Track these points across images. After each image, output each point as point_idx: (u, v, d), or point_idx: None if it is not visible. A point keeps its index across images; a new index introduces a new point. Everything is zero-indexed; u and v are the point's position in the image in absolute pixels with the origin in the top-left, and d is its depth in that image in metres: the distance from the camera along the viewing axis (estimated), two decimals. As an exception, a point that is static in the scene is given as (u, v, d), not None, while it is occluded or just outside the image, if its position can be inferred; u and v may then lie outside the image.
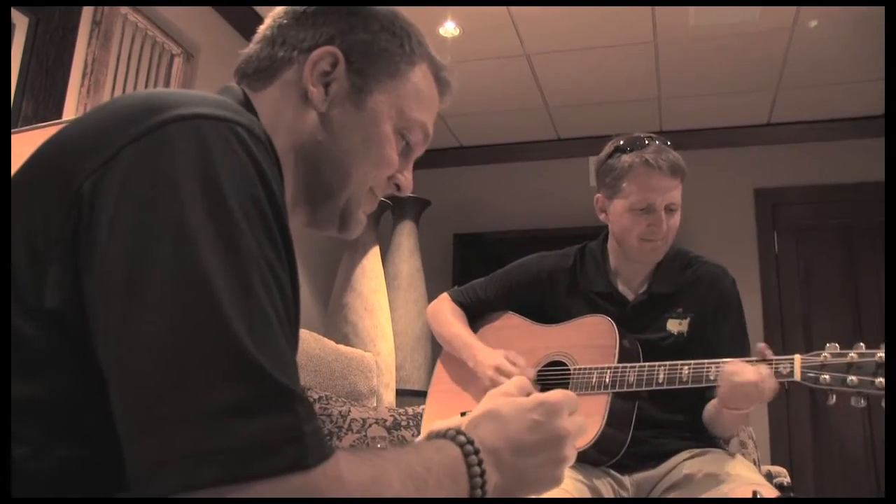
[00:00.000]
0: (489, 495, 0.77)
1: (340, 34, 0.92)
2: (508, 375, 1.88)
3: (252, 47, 0.96)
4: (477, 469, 0.76)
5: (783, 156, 4.46)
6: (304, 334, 3.14)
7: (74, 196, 0.67)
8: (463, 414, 0.87)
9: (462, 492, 0.75)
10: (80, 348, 0.65)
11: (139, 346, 0.61)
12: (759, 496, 1.17)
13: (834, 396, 1.57)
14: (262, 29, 0.97)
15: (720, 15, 3.43)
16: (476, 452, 0.77)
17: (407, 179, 1.00)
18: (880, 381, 1.49)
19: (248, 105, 0.89)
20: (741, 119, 4.45)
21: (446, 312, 2.16)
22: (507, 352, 1.97)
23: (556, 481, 0.86)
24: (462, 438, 0.78)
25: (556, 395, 0.87)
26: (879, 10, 3.03)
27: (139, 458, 0.59)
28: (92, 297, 0.65)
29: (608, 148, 1.97)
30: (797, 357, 1.63)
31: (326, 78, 0.91)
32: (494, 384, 1.73)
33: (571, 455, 0.87)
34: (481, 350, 2.01)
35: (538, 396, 0.86)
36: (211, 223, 0.64)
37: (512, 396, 0.87)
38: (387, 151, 0.94)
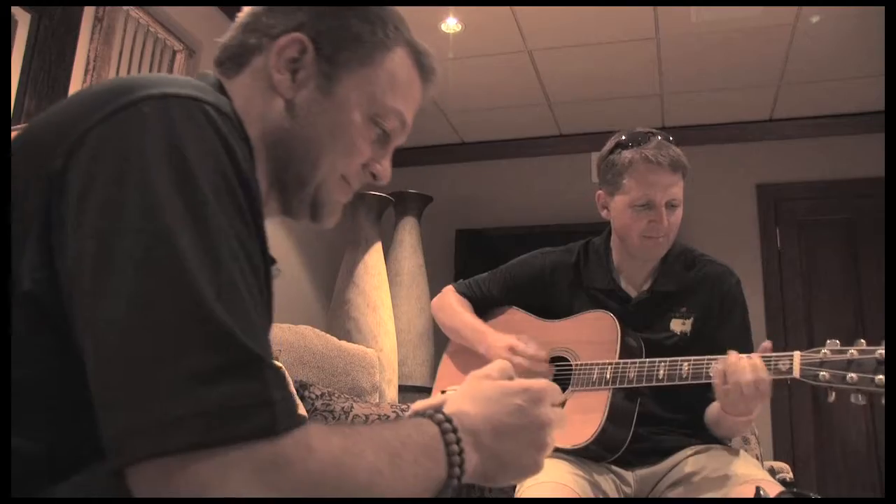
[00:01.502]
0: (468, 475, 0.77)
1: (310, 21, 0.91)
2: (523, 355, 1.89)
3: (227, 35, 0.96)
4: (455, 447, 0.76)
5: (785, 151, 4.45)
6: (307, 331, 3.14)
7: (45, 181, 0.68)
8: (444, 392, 0.86)
9: (440, 470, 0.74)
10: (58, 329, 0.66)
11: (110, 318, 0.62)
12: (762, 493, 1.17)
13: (833, 394, 1.55)
14: (239, 17, 0.96)
15: (722, 11, 3.42)
16: (454, 431, 0.77)
17: (384, 168, 0.99)
18: (880, 379, 1.47)
19: (221, 90, 0.89)
20: (744, 115, 4.45)
21: (453, 303, 2.16)
22: (516, 335, 1.98)
23: (537, 467, 0.85)
24: (440, 417, 0.78)
25: (540, 382, 0.87)
26: (882, 6, 3.02)
27: (110, 427, 0.60)
28: (65, 275, 0.66)
29: (609, 144, 1.96)
30: (796, 354, 1.61)
31: (294, 65, 0.90)
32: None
33: (552, 443, 0.86)
34: (492, 334, 2.01)
35: (523, 382, 0.86)
36: (179, 197, 0.65)
37: (493, 380, 0.87)
38: (355, 139, 0.93)
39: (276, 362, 0.64)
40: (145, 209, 0.64)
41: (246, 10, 0.96)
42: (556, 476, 1.75)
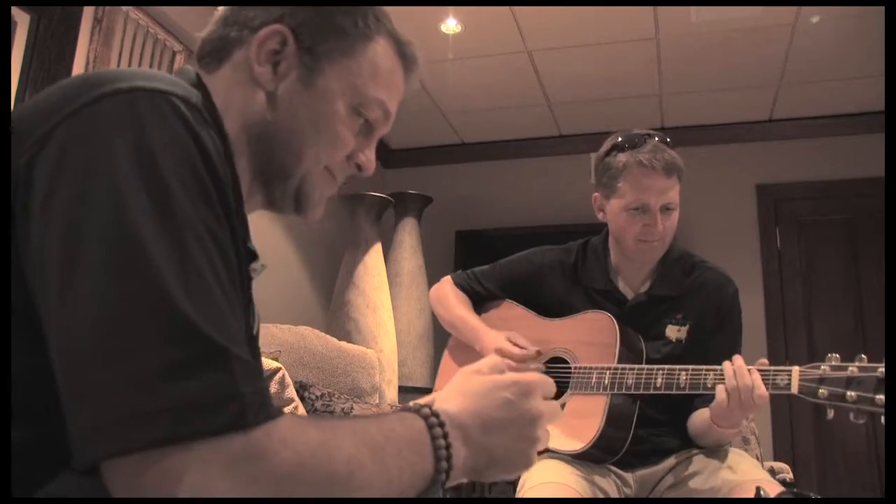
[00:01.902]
0: (457, 470, 0.77)
1: (291, 12, 0.91)
2: (510, 358, 1.88)
3: (208, 29, 0.95)
4: (442, 441, 0.75)
5: (785, 152, 4.45)
6: (307, 331, 3.14)
7: (13, 172, 0.67)
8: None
9: (426, 464, 0.74)
10: (27, 326, 0.66)
11: (75, 314, 0.61)
12: (762, 493, 1.17)
13: (832, 411, 1.50)
14: (219, 11, 0.96)
15: (722, 11, 3.42)
16: (441, 425, 0.76)
17: (368, 159, 0.98)
18: (880, 398, 1.43)
19: (199, 85, 0.88)
20: (743, 115, 4.44)
21: (449, 295, 2.16)
22: (509, 333, 1.97)
23: (528, 462, 0.84)
24: (426, 411, 0.77)
25: (530, 375, 0.87)
26: (881, 6, 3.02)
27: (77, 424, 0.60)
28: (30, 271, 0.65)
29: (605, 146, 1.94)
30: (795, 369, 1.57)
31: (276, 57, 0.90)
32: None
33: (543, 437, 0.86)
34: (486, 333, 2.01)
35: (512, 375, 0.86)
36: (144, 190, 0.65)
37: (483, 375, 0.86)
38: (339, 130, 0.92)
39: (276, 362, 0.64)
40: (111, 205, 0.64)
41: (227, 4, 0.95)
42: (558, 476, 1.75)
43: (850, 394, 1.47)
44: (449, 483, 0.76)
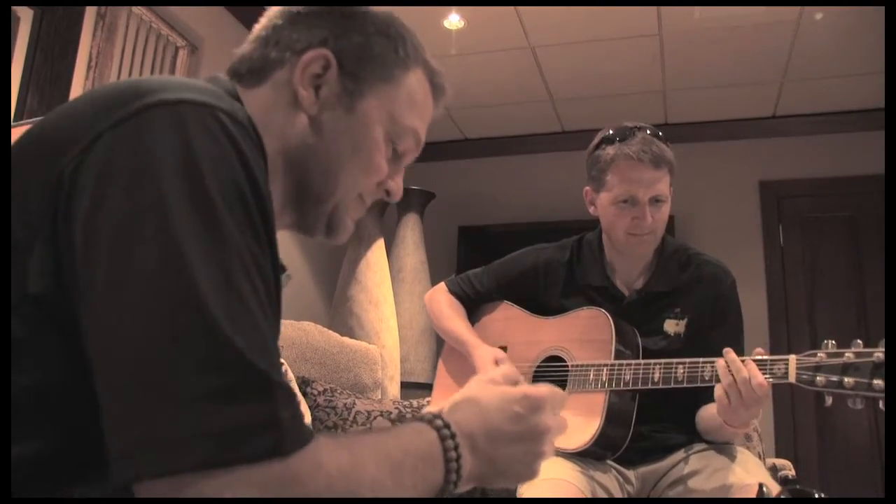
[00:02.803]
0: (463, 480, 0.77)
1: (334, 37, 0.91)
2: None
3: (246, 47, 0.95)
4: (453, 454, 0.76)
5: (788, 148, 4.45)
6: (309, 327, 3.15)
7: (55, 182, 0.67)
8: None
9: (437, 475, 0.75)
10: (64, 334, 0.66)
11: (120, 333, 0.61)
12: (765, 490, 1.17)
13: (830, 398, 1.50)
14: (257, 29, 0.96)
15: (725, 7, 3.41)
16: (452, 437, 0.77)
17: (397, 185, 0.99)
18: (877, 383, 1.43)
19: (235, 97, 0.88)
20: (746, 112, 4.44)
21: (442, 305, 2.14)
22: (498, 353, 1.97)
23: (532, 475, 0.85)
24: (439, 422, 0.78)
25: (542, 390, 0.87)
26: (882, 6, 3.01)
27: (117, 443, 0.60)
28: (74, 282, 0.65)
29: (596, 139, 1.94)
30: (792, 358, 1.56)
31: (318, 81, 0.89)
32: None
33: (549, 451, 0.86)
34: (476, 348, 2.00)
35: (523, 389, 0.86)
36: (191, 209, 0.64)
37: (498, 384, 0.87)
38: (376, 158, 0.92)
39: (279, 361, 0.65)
40: (158, 222, 0.63)
41: (264, 22, 0.95)
42: (559, 473, 1.75)
43: (848, 380, 1.47)
44: (455, 491, 0.77)
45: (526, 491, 1.74)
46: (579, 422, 1.81)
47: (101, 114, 0.69)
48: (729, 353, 1.61)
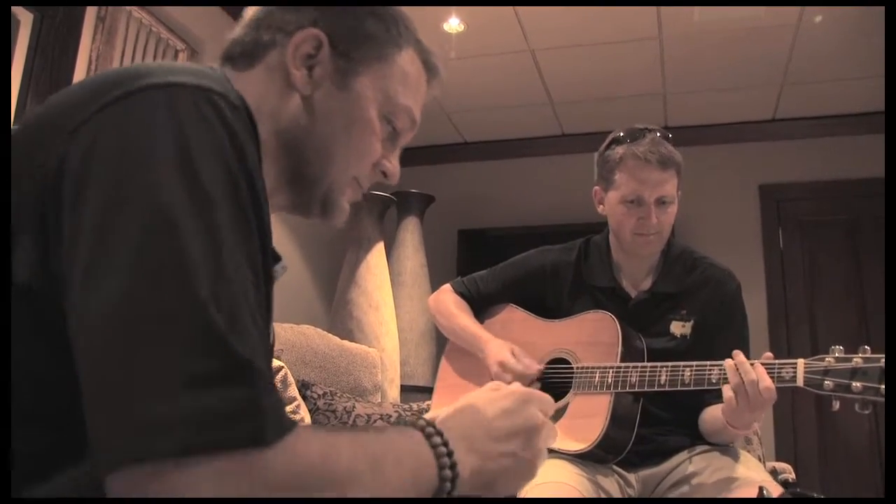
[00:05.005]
0: (466, 479, 0.77)
1: (325, 17, 0.91)
2: (512, 372, 1.88)
3: (238, 31, 0.95)
4: (443, 449, 0.75)
5: (788, 152, 4.45)
6: (309, 330, 3.14)
7: (42, 167, 0.66)
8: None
9: (430, 473, 0.74)
10: (52, 322, 0.65)
11: (104, 316, 0.60)
12: (766, 492, 1.17)
13: (838, 403, 1.51)
14: (249, 13, 0.95)
15: (725, 10, 3.42)
16: (439, 434, 0.76)
17: (393, 166, 0.98)
18: (885, 388, 1.44)
19: (228, 84, 0.88)
20: (746, 115, 4.44)
21: (450, 305, 2.14)
22: (513, 346, 1.97)
23: (533, 472, 0.85)
24: (422, 423, 0.77)
25: (525, 388, 0.89)
26: (882, 6, 3.01)
27: (98, 428, 0.59)
28: (61, 267, 0.64)
29: (607, 139, 1.97)
30: (800, 362, 1.57)
31: (310, 61, 0.89)
32: (498, 380, 1.72)
33: (545, 449, 0.86)
34: (489, 342, 2.00)
35: (508, 387, 0.88)
36: (181, 192, 0.64)
37: (494, 390, 0.88)
38: (369, 137, 0.92)
39: (278, 361, 0.64)
40: (145, 207, 0.63)
41: (256, 6, 0.95)
42: (561, 476, 1.75)
43: (856, 384, 1.48)
44: (457, 493, 0.76)
45: (528, 493, 1.73)
46: (583, 424, 1.81)
47: (89, 100, 0.69)
48: (738, 354, 1.63)
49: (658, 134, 1.89)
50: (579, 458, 1.82)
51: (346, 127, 0.91)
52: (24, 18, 2.49)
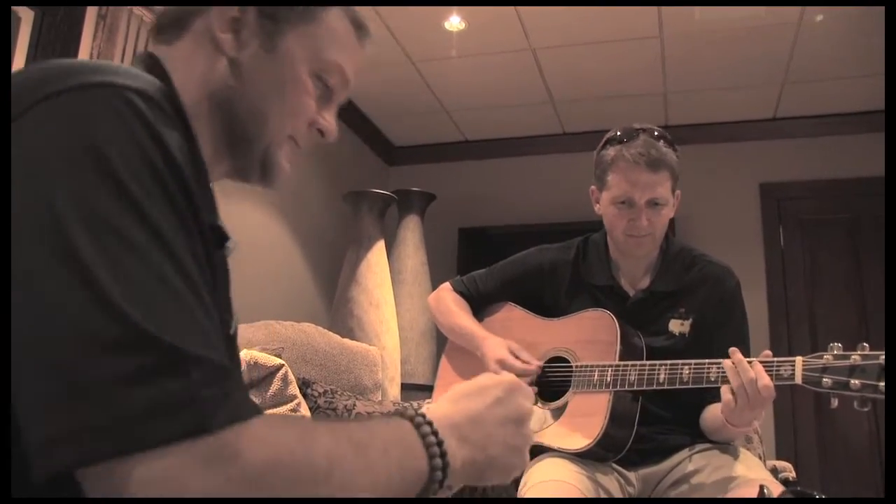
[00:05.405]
0: (458, 472, 0.77)
1: None
2: (511, 370, 1.88)
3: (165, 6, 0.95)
4: (432, 438, 0.75)
5: (789, 150, 4.45)
6: (310, 328, 3.14)
7: None
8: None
9: (419, 461, 0.74)
10: None
11: (22, 327, 0.60)
12: (766, 491, 1.17)
13: (836, 400, 1.51)
14: None
15: (726, 9, 3.42)
16: (429, 423, 0.76)
17: (329, 123, 0.98)
18: (884, 385, 1.44)
19: (153, 65, 0.87)
20: (747, 114, 4.44)
21: (449, 303, 2.15)
22: (511, 344, 1.97)
23: (523, 461, 0.86)
24: (411, 412, 0.77)
25: (509, 376, 0.89)
26: (882, 6, 3.01)
27: (32, 439, 0.59)
28: None
29: (603, 139, 1.96)
30: (798, 359, 1.57)
31: (236, 24, 0.90)
32: None
33: (531, 436, 0.88)
34: (486, 340, 2.00)
35: (497, 377, 0.88)
36: (88, 192, 0.64)
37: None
38: (301, 95, 0.93)
39: (279, 359, 0.63)
40: (50, 213, 0.62)
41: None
42: (560, 475, 1.75)
43: (854, 382, 1.48)
44: (449, 483, 0.76)
45: (528, 492, 1.74)
46: (582, 422, 1.81)
47: (14, 101, 0.69)
48: (735, 353, 1.62)
49: (656, 133, 1.88)
50: (579, 457, 1.82)
51: (277, 87, 0.91)
52: (24, 16, 2.50)
